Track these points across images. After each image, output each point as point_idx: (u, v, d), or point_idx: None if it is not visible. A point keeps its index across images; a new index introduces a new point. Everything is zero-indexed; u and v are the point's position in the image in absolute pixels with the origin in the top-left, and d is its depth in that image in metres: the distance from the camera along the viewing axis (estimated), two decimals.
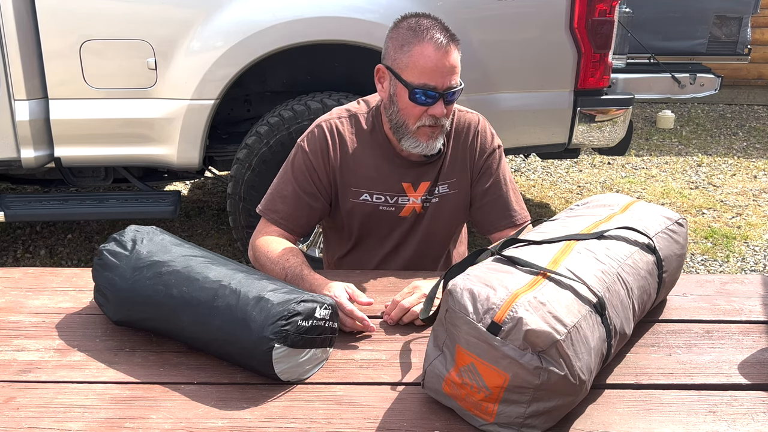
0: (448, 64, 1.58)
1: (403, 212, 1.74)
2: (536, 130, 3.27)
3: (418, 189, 1.74)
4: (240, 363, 1.25)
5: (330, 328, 1.27)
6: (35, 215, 3.18)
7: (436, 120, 1.62)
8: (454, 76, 1.60)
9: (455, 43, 1.60)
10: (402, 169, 1.72)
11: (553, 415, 1.08)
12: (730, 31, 4.72)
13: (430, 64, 1.57)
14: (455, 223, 1.84)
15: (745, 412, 1.15)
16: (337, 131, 1.73)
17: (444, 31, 1.60)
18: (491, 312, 1.05)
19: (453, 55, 1.59)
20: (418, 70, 1.58)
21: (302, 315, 1.20)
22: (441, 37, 1.57)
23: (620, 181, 4.95)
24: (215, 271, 1.30)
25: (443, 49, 1.57)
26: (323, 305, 1.25)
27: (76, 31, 2.85)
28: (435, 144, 1.66)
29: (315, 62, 3.22)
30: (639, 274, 1.29)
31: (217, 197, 4.48)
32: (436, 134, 1.65)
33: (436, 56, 1.57)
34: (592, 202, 1.50)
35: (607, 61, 3.14)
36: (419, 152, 1.67)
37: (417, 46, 1.58)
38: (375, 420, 1.12)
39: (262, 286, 1.26)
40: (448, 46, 1.58)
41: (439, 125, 1.64)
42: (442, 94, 1.59)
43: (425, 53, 1.57)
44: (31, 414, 1.13)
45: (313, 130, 1.74)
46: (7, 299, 1.51)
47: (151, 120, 2.96)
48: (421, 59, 1.58)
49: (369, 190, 1.72)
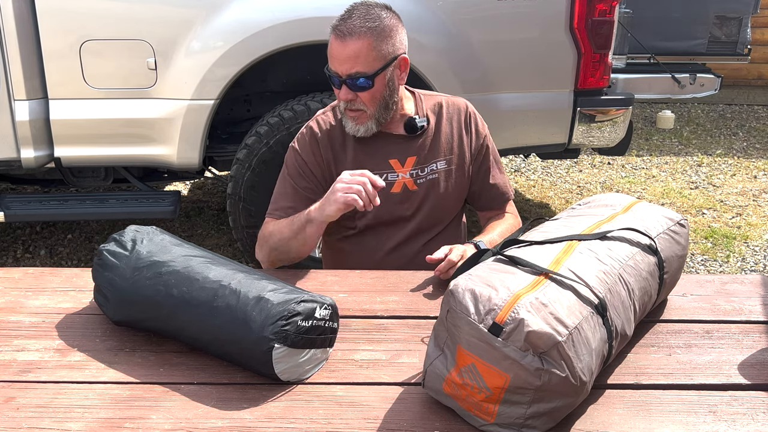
0: (345, 52, 1.67)
1: (394, 188, 1.83)
2: (536, 130, 3.27)
3: (405, 164, 1.83)
4: (240, 363, 1.24)
5: (330, 328, 1.27)
6: (35, 215, 3.18)
7: (346, 103, 1.74)
8: (353, 65, 1.68)
9: (363, 35, 1.66)
10: (387, 146, 1.83)
11: (554, 416, 1.08)
12: (730, 31, 4.72)
13: (331, 50, 1.71)
14: (458, 199, 1.92)
15: (745, 412, 1.15)
16: (323, 126, 1.85)
17: (361, 20, 1.67)
18: (493, 313, 1.05)
19: (351, 44, 1.67)
20: (328, 55, 1.72)
21: (302, 315, 1.20)
22: (346, 27, 1.67)
23: (620, 181, 4.95)
24: (215, 271, 1.30)
25: (341, 38, 1.67)
26: (323, 305, 1.25)
27: (76, 31, 2.86)
28: (361, 127, 1.78)
29: (315, 62, 3.21)
30: (640, 275, 1.29)
31: (217, 197, 4.48)
32: (359, 118, 1.76)
33: (335, 44, 1.69)
34: (594, 202, 1.50)
35: (607, 61, 3.14)
36: (350, 132, 1.80)
37: (331, 33, 1.71)
38: (375, 420, 1.12)
39: (262, 286, 1.25)
40: (350, 35, 1.66)
41: (357, 109, 1.75)
42: (343, 80, 1.70)
43: (331, 40, 1.70)
44: (31, 414, 1.13)
45: (302, 131, 1.87)
46: (7, 299, 1.51)
47: (151, 120, 2.96)
48: (329, 45, 1.72)
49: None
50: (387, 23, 1.70)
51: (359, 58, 1.67)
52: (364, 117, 1.76)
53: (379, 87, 1.72)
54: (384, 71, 1.71)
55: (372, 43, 1.68)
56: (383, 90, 1.74)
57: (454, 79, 2.99)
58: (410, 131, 1.83)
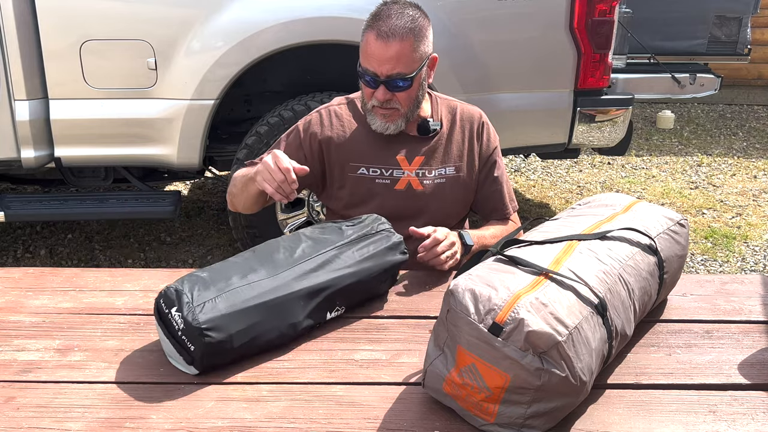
0: (387, 54, 1.67)
1: (398, 185, 1.83)
2: (536, 130, 3.27)
3: (412, 163, 1.83)
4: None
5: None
6: (35, 215, 3.18)
7: (382, 102, 1.73)
8: (395, 66, 1.68)
9: (405, 36, 1.66)
10: (396, 144, 1.82)
11: (554, 416, 1.08)
12: (730, 31, 4.71)
13: (369, 50, 1.69)
14: (463, 205, 1.92)
15: (745, 412, 1.15)
16: (335, 114, 1.86)
17: (400, 20, 1.67)
18: (493, 313, 1.05)
19: (394, 46, 1.66)
20: (363, 54, 1.71)
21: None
22: (387, 28, 1.66)
23: (620, 181, 4.95)
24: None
25: (384, 39, 1.66)
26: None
27: (76, 31, 2.85)
28: (391, 125, 1.78)
29: (315, 62, 3.22)
30: (640, 275, 1.29)
31: (217, 197, 4.48)
32: (391, 116, 1.76)
33: (376, 45, 1.67)
34: (594, 202, 1.50)
35: (607, 61, 3.14)
36: (377, 129, 1.79)
37: (367, 32, 1.70)
38: (375, 420, 1.12)
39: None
40: (392, 37, 1.66)
41: (391, 108, 1.75)
42: (383, 81, 1.70)
43: (369, 39, 1.69)
44: (31, 414, 1.13)
45: (312, 114, 1.88)
46: (7, 299, 1.51)
47: (151, 120, 2.96)
48: (366, 45, 1.70)
49: (365, 164, 1.82)
50: (421, 23, 1.70)
51: (401, 59, 1.68)
52: (397, 115, 1.77)
53: (415, 86, 1.74)
54: (420, 71, 1.73)
55: (413, 44, 1.68)
56: (418, 89, 1.76)
57: (455, 79, 2.98)
58: (423, 132, 1.83)
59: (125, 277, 1.63)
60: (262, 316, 1.26)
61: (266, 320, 1.27)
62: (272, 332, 1.29)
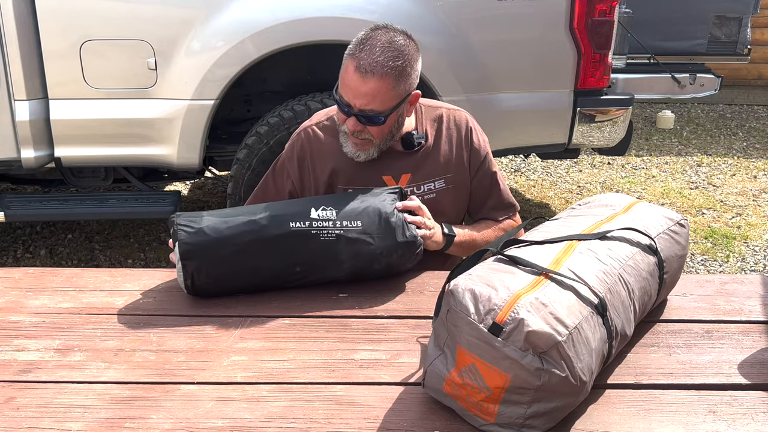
0: (362, 89, 1.61)
1: None
2: (536, 130, 3.27)
3: (399, 181, 1.79)
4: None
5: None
6: (35, 215, 3.17)
7: (353, 132, 1.68)
8: (369, 102, 1.62)
9: (384, 75, 1.59)
10: (381, 162, 1.77)
11: (554, 416, 1.08)
12: (730, 31, 4.71)
13: (346, 79, 1.63)
14: (457, 216, 1.88)
15: (745, 412, 1.15)
16: (315, 138, 1.82)
17: (383, 55, 1.59)
18: (493, 313, 1.05)
19: (371, 83, 1.60)
20: (341, 80, 1.66)
21: None
22: (367, 63, 1.59)
23: (620, 181, 4.95)
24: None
25: (362, 73, 1.60)
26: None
27: (76, 31, 2.85)
28: (362, 154, 1.73)
29: (315, 62, 3.21)
30: (640, 275, 1.29)
31: (217, 197, 4.48)
32: (362, 146, 1.72)
33: (353, 77, 1.61)
34: (594, 202, 1.50)
35: (607, 61, 3.13)
36: (348, 154, 1.74)
37: (348, 59, 1.63)
38: (375, 420, 1.12)
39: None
40: (371, 74, 1.59)
41: (363, 138, 1.69)
42: (355, 113, 1.64)
43: (348, 68, 1.62)
44: (31, 414, 1.13)
45: (292, 140, 1.86)
46: (7, 299, 1.51)
47: (151, 120, 2.96)
48: (344, 72, 1.64)
49: (352, 186, 1.78)
50: (407, 59, 1.63)
51: (377, 97, 1.62)
52: (369, 145, 1.72)
53: (388, 123, 1.69)
54: (396, 110, 1.68)
55: (391, 84, 1.61)
56: (393, 124, 1.71)
57: (454, 80, 2.98)
58: (407, 147, 1.79)
59: (125, 277, 1.63)
60: (250, 227, 1.48)
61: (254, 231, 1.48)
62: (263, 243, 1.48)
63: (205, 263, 1.46)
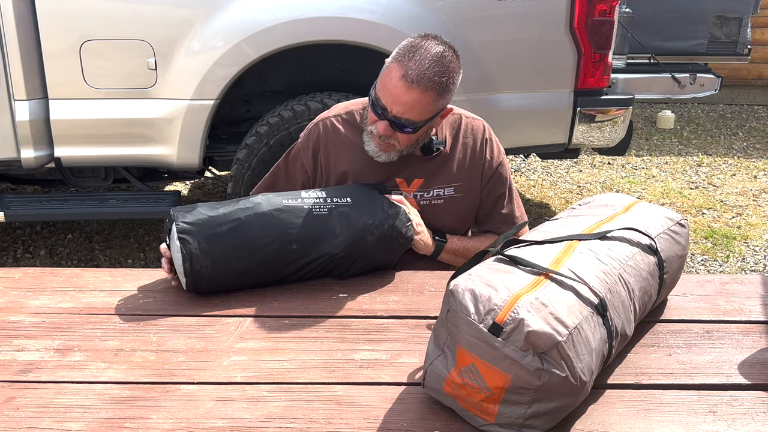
0: (404, 98, 1.60)
1: None
2: (536, 130, 3.27)
3: (411, 185, 1.79)
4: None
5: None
6: (35, 215, 3.17)
7: (381, 135, 1.67)
8: (406, 111, 1.61)
9: (428, 88, 1.59)
10: (397, 164, 1.77)
11: (554, 416, 1.08)
12: (730, 31, 4.72)
13: (389, 84, 1.61)
14: (463, 224, 1.88)
15: (745, 412, 1.15)
16: (333, 129, 1.82)
17: (431, 69, 1.59)
18: (493, 313, 1.05)
19: (414, 93, 1.59)
20: (381, 82, 1.64)
21: None
22: (415, 73, 1.58)
23: (620, 181, 4.95)
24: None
25: (407, 82, 1.59)
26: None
27: (76, 31, 2.85)
28: (383, 155, 1.72)
29: (315, 62, 3.22)
30: (640, 275, 1.29)
31: (217, 197, 4.48)
32: (386, 148, 1.71)
33: (397, 84, 1.60)
34: (594, 202, 1.50)
35: (607, 61, 3.14)
36: (369, 153, 1.74)
37: (394, 64, 1.62)
38: (375, 420, 1.12)
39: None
40: (416, 84, 1.58)
41: (387, 142, 1.69)
42: (390, 118, 1.63)
43: (392, 74, 1.61)
44: (31, 414, 1.13)
45: (310, 128, 1.86)
46: (7, 299, 1.51)
47: (151, 120, 2.96)
48: (387, 76, 1.62)
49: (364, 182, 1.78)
50: (452, 75, 1.63)
51: (415, 108, 1.61)
52: (392, 149, 1.71)
53: (419, 133, 1.68)
54: (430, 122, 1.68)
55: (432, 98, 1.61)
56: (422, 135, 1.71)
57: None
58: (426, 153, 1.78)
59: (125, 277, 1.63)
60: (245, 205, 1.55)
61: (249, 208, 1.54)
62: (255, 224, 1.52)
63: (202, 241, 1.49)
